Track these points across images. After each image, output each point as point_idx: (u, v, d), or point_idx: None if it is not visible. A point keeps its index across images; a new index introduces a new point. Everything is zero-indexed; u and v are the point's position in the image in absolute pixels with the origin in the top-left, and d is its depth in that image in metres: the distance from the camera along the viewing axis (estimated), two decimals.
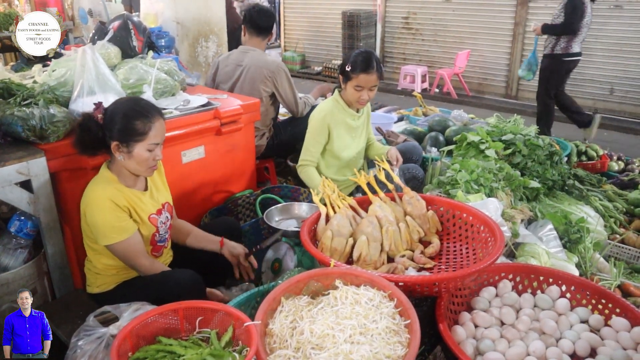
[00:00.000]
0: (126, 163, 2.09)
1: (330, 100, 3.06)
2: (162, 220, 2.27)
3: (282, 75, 3.63)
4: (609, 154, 4.56)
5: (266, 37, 3.76)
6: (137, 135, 2.04)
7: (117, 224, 2.06)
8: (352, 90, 2.93)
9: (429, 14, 9.40)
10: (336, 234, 2.14)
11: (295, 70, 10.95)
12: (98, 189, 2.07)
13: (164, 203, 2.32)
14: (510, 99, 8.76)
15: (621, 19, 7.44)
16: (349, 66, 2.88)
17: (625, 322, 2.00)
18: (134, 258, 2.13)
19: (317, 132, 3.00)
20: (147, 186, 2.27)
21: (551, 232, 2.77)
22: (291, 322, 1.63)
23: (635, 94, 7.58)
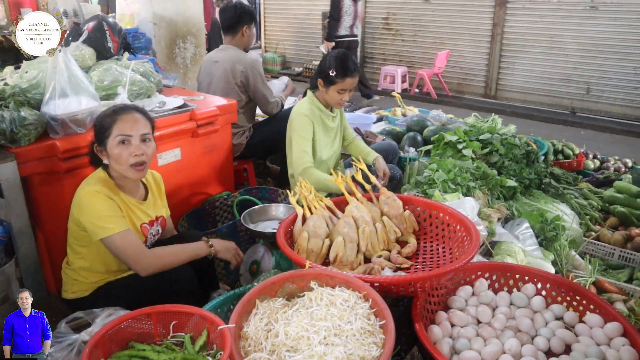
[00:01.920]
0: (111, 165, 2.09)
1: (306, 101, 3.04)
2: (152, 232, 2.25)
3: (256, 71, 3.62)
4: (585, 153, 4.61)
5: (234, 33, 3.70)
6: (105, 131, 2.04)
7: (113, 214, 2.02)
8: (335, 94, 2.94)
9: (408, 15, 9.45)
10: (312, 235, 2.13)
11: (275, 71, 10.93)
12: (90, 185, 2.04)
13: (159, 216, 2.30)
14: (489, 98, 8.84)
15: (597, 20, 7.55)
16: (333, 71, 2.87)
17: (599, 319, 2.02)
18: (136, 251, 2.04)
19: (304, 130, 2.95)
20: (146, 197, 2.25)
21: (527, 230, 2.79)
22: (266, 325, 1.62)
23: (611, 93, 7.70)
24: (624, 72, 7.50)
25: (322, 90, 2.98)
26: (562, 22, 7.84)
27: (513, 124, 4.60)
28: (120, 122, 2.04)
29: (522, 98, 8.53)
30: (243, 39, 3.74)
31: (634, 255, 2.98)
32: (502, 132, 3.78)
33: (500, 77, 8.72)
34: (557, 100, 8.19)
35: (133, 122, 2.07)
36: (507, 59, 8.57)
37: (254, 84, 3.62)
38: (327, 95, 2.98)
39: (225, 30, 3.74)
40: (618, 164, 4.41)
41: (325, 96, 3.00)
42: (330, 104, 3.04)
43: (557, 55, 8.01)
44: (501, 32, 8.44)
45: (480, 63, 8.87)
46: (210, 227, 3.05)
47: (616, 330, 1.94)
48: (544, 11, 7.98)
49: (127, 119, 2.06)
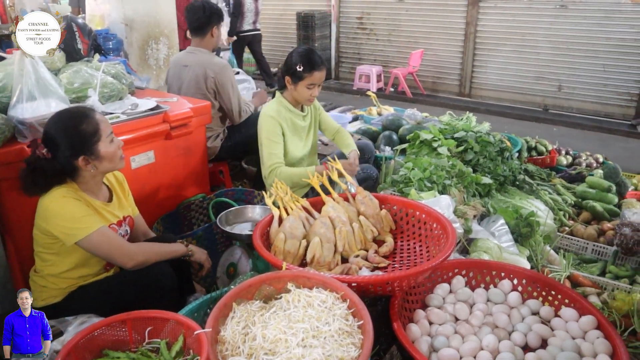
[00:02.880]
0: (100, 169, 2.05)
1: (274, 103, 2.99)
2: (121, 232, 2.21)
3: (226, 78, 3.54)
4: (557, 149, 4.69)
5: (203, 35, 3.59)
6: (92, 137, 1.99)
7: (86, 213, 1.99)
8: (304, 89, 2.90)
9: (382, 14, 9.49)
10: (289, 236, 2.11)
11: (250, 72, 10.85)
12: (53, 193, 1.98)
13: (126, 216, 2.27)
14: (463, 97, 8.93)
15: (566, 19, 7.67)
16: (300, 66, 2.84)
17: (574, 312, 2.05)
18: (118, 243, 2.03)
19: (273, 132, 2.92)
20: (111, 198, 2.22)
21: (503, 226, 2.82)
22: (243, 328, 1.60)
23: (581, 90, 7.84)
24: (594, 69, 7.64)
25: (291, 88, 2.93)
26: (533, 21, 7.95)
27: (487, 121, 4.65)
28: (100, 122, 2.03)
29: (496, 96, 8.63)
30: (212, 39, 3.64)
31: (606, 249, 3.03)
32: (476, 130, 3.82)
33: (474, 75, 8.81)
34: (529, 98, 8.31)
35: (106, 120, 2.09)
36: (480, 58, 8.66)
37: (223, 90, 3.55)
38: (297, 93, 2.94)
39: (194, 30, 3.62)
40: (590, 160, 4.49)
41: (294, 94, 2.96)
42: (300, 101, 3.01)
43: (529, 54, 8.13)
44: (474, 31, 8.53)
45: (454, 62, 8.95)
46: (186, 231, 3.01)
47: (590, 324, 1.97)
48: (515, 10, 8.09)
49: (101, 118, 2.06)
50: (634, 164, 5.22)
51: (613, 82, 7.56)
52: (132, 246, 2.09)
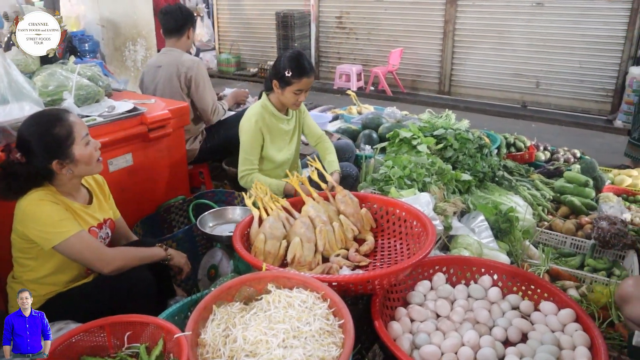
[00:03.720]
0: (76, 172, 2.02)
1: (258, 106, 2.96)
2: (102, 235, 2.18)
3: (200, 73, 3.54)
4: (536, 145, 4.74)
5: (179, 36, 3.60)
6: (67, 140, 1.96)
7: (64, 217, 1.96)
8: (291, 95, 2.87)
9: (361, 13, 9.51)
10: (269, 237, 2.10)
11: (231, 72, 10.81)
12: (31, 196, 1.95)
13: (106, 219, 2.24)
14: (443, 94, 8.98)
15: (543, 16, 7.77)
16: (289, 72, 2.80)
17: (553, 306, 2.08)
18: (97, 247, 2.01)
19: (252, 138, 2.91)
20: (91, 200, 2.19)
21: (483, 222, 2.83)
22: (224, 330, 1.59)
23: (559, 86, 7.94)
24: (570, 66, 7.75)
25: (278, 91, 2.91)
26: (511, 19, 8.04)
27: (467, 118, 4.68)
28: (74, 125, 2.00)
29: (475, 93, 8.70)
30: (188, 41, 3.67)
31: (584, 243, 3.07)
32: (455, 127, 3.84)
33: (453, 73, 8.88)
34: (508, 95, 8.40)
35: (80, 121, 2.06)
36: (459, 56, 8.73)
37: (197, 85, 3.54)
38: (283, 97, 2.91)
39: (169, 32, 3.62)
40: (567, 155, 4.55)
41: (281, 98, 2.94)
42: (286, 105, 3.00)
43: (507, 51, 8.21)
44: (453, 29, 8.59)
45: (433, 60, 9.00)
46: (166, 233, 2.98)
47: (569, 317, 2.00)
48: (493, 8, 8.16)
49: (76, 120, 2.03)
50: (610, 159, 5.31)
51: (589, 79, 7.67)
52: (111, 251, 2.06)
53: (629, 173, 4.15)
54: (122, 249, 2.15)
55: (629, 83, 6.73)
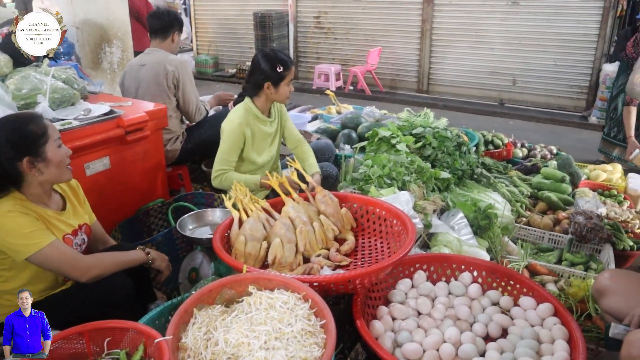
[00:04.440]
0: (45, 175, 1.96)
1: (241, 109, 2.93)
2: (77, 241, 2.14)
3: (185, 72, 3.56)
4: (513, 142, 4.79)
5: (164, 38, 3.64)
6: (40, 138, 1.92)
7: (35, 227, 1.90)
8: (286, 88, 2.91)
9: (339, 13, 9.52)
10: (249, 239, 2.10)
11: (209, 73, 10.74)
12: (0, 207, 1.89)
13: (82, 224, 2.19)
14: (422, 93, 9.04)
15: (518, 15, 7.87)
16: (280, 67, 2.83)
17: (532, 301, 2.11)
18: (72, 257, 1.96)
19: (233, 140, 2.89)
20: (64, 206, 2.14)
21: (462, 220, 2.86)
22: (205, 334, 1.58)
23: (535, 84, 8.05)
24: (546, 63, 7.86)
25: (270, 91, 2.88)
26: (487, 17, 8.12)
27: (445, 117, 4.71)
28: (50, 127, 1.97)
29: (453, 91, 8.77)
30: (172, 44, 3.69)
31: (561, 237, 3.11)
32: (434, 126, 3.87)
33: (431, 71, 8.94)
34: (485, 93, 8.49)
35: (54, 126, 2.04)
36: (437, 54, 8.79)
37: (183, 85, 3.55)
38: (277, 94, 2.91)
39: (155, 33, 3.65)
40: (544, 151, 4.61)
41: (274, 96, 2.92)
42: (280, 101, 3.00)
43: (483, 49, 8.30)
44: (430, 28, 8.65)
45: (411, 59, 9.05)
46: (145, 237, 2.95)
47: (548, 311, 2.03)
48: (469, 7, 8.24)
49: (50, 124, 2.00)
50: (586, 154, 5.40)
51: (564, 76, 7.79)
52: (87, 259, 2.00)
53: (604, 168, 4.23)
54: (100, 256, 2.09)
55: (602, 80, 6.85)
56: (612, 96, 4.86)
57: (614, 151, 4.85)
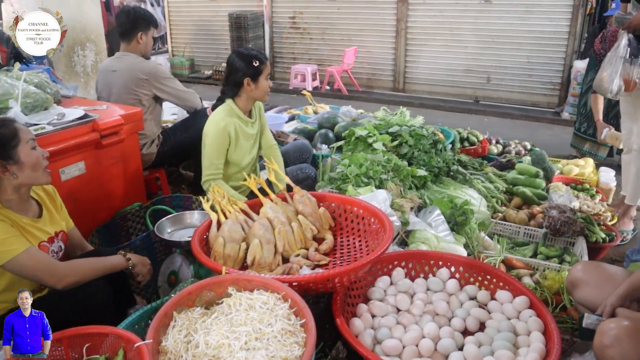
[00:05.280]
0: (21, 179, 1.93)
1: (223, 110, 2.92)
2: (54, 249, 2.11)
3: (159, 77, 3.49)
4: (488, 139, 4.86)
5: (129, 40, 3.50)
6: (12, 140, 1.90)
7: (10, 234, 1.87)
8: (264, 82, 2.91)
9: (315, 13, 9.53)
10: (228, 240, 2.10)
11: (184, 75, 10.66)
12: None
13: (58, 231, 2.16)
14: (398, 92, 9.10)
15: (491, 13, 7.97)
16: (256, 62, 2.84)
17: (508, 294, 2.15)
18: (47, 263, 1.93)
19: (219, 143, 2.87)
20: (41, 213, 2.11)
21: (439, 217, 2.90)
22: (185, 337, 1.59)
23: (509, 81, 8.16)
24: (519, 61, 7.97)
25: (252, 88, 2.88)
26: (460, 16, 8.21)
27: (421, 115, 4.77)
28: (21, 129, 1.94)
29: (429, 90, 8.85)
30: (139, 46, 3.53)
31: (536, 232, 3.17)
32: (410, 124, 3.91)
33: (407, 70, 9.00)
34: (460, 90, 8.58)
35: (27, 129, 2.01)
36: (412, 53, 8.86)
37: (163, 88, 3.50)
38: (258, 90, 2.90)
39: (120, 36, 3.54)
40: (518, 147, 4.68)
41: (254, 93, 2.91)
42: (260, 98, 2.98)
43: (458, 48, 8.38)
44: (405, 27, 8.72)
45: (387, 58, 9.10)
46: (123, 241, 2.92)
47: (523, 304, 2.07)
48: (442, 6, 8.32)
49: (23, 127, 1.98)
50: (559, 149, 5.50)
51: (537, 73, 7.91)
52: (63, 266, 1.97)
53: (576, 163, 4.32)
54: (77, 262, 2.06)
55: (573, 76, 6.97)
56: (582, 92, 4.96)
57: (585, 146, 4.95)
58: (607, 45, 3.96)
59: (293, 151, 3.62)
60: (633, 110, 3.57)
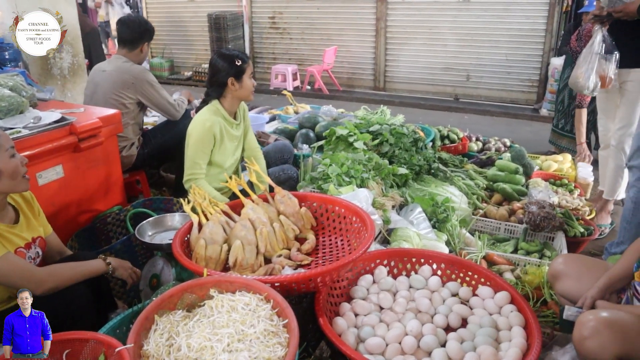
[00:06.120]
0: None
1: (209, 111, 2.90)
2: (30, 255, 2.07)
3: (146, 83, 3.47)
4: (468, 136, 4.91)
5: (133, 48, 3.55)
6: None
7: None
8: (248, 81, 2.90)
9: (294, 13, 9.52)
10: (209, 242, 2.09)
11: (164, 76, 10.57)
12: None
13: (36, 237, 2.12)
14: (378, 90, 9.14)
15: (469, 12, 8.04)
16: (238, 61, 2.84)
17: (490, 290, 2.17)
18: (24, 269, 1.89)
19: (203, 143, 2.85)
20: (17, 219, 2.06)
21: (420, 214, 2.91)
22: (167, 340, 1.57)
23: (488, 79, 8.24)
24: (498, 59, 8.06)
25: (236, 87, 2.87)
26: (439, 15, 8.27)
27: (401, 113, 4.79)
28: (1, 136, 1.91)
29: (409, 88, 8.90)
30: (141, 55, 3.61)
31: (517, 227, 3.21)
32: (391, 123, 3.92)
33: (387, 69, 9.04)
34: (440, 89, 8.64)
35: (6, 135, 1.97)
36: (392, 52, 8.90)
37: (148, 95, 3.48)
38: (243, 90, 2.89)
39: (124, 43, 3.55)
40: (498, 144, 4.74)
41: (239, 93, 2.90)
42: (244, 97, 2.97)
43: (437, 46, 8.45)
44: (384, 26, 8.75)
45: (367, 57, 9.13)
46: (103, 245, 2.89)
47: (504, 299, 2.09)
48: (421, 4, 8.37)
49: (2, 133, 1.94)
50: (538, 146, 5.57)
51: (515, 70, 8.01)
52: (41, 272, 1.93)
53: (555, 159, 4.37)
54: (55, 268, 2.02)
55: (551, 73, 7.06)
56: (559, 89, 5.02)
57: (562, 142, 5.02)
58: (583, 42, 4.02)
59: (274, 152, 3.61)
60: (609, 107, 3.62)
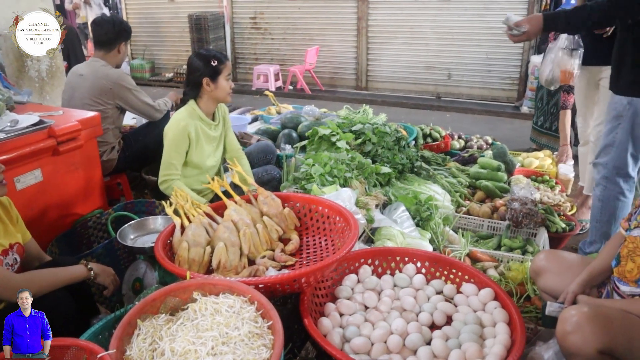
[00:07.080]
0: None
1: (184, 111, 2.89)
2: (8, 262, 2.02)
3: (123, 88, 3.44)
4: (451, 134, 4.93)
5: (109, 49, 3.49)
6: None
7: None
8: (224, 82, 2.88)
9: (275, 13, 9.50)
10: (192, 244, 2.07)
11: (145, 78, 10.48)
12: None
13: (13, 244, 2.08)
14: (361, 90, 9.15)
15: (450, 11, 8.09)
16: (214, 61, 2.82)
17: (474, 287, 2.18)
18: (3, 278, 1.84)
19: (178, 143, 2.83)
20: None
21: (404, 213, 2.92)
22: (150, 345, 1.55)
23: (469, 77, 8.30)
24: (478, 57, 8.12)
25: (211, 88, 2.85)
26: (420, 14, 8.31)
27: (384, 112, 4.80)
28: None
29: (391, 87, 8.93)
30: (118, 55, 3.55)
31: (499, 224, 3.23)
32: (373, 122, 3.93)
33: (369, 68, 9.06)
34: (422, 87, 8.69)
35: None
36: (374, 51, 8.92)
37: (126, 99, 3.46)
38: (218, 90, 2.87)
39: (100, 44, 3.50)
40: (480, 142, 4.77)
41: (214, 94, 2.88)
42: (221, 99, 2.94)
43: (418, 45, 8.49)
44: (366, 25, 8.77)
45: (349, 56, 9.14)
46: (84, 250, 2.84)
47: (488, 296, 2.10)
48: (402, 4, 8.40)
49: None
50: (519, 143, 5.62)
51: (496, 69, 8.08)
52: (19, 278, 1.89)
53: (536, 155, 4.42)
54: (34, 274, 1.97)
55: (531, 71, 7.13)
56: (538, 87, 5.07)
57: (542, 139, 5.07)
58: None
59: (256, 152, 3.60)
60: (587, 103, 3.67)
